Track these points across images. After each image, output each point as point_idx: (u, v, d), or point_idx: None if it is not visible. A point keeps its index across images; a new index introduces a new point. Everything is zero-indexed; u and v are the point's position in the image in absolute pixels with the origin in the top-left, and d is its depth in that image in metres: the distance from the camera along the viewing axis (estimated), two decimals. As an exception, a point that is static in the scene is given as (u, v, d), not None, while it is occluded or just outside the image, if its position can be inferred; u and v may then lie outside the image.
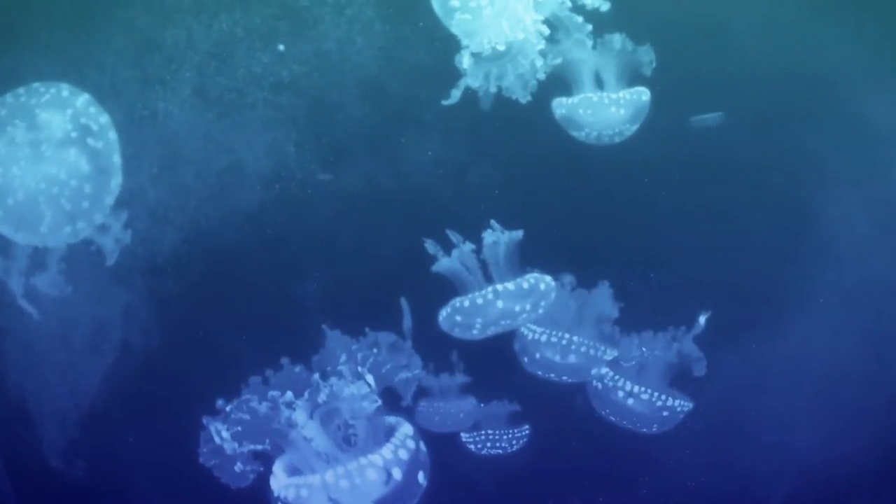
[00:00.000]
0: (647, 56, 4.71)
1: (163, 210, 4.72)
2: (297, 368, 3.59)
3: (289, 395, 3.46)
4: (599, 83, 4.79)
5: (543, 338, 4.60)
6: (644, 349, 4.53)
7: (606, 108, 4.76)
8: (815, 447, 5.00)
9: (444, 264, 4.37)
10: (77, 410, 4.81)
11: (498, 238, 4.38)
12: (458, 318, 4.34)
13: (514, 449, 4.72)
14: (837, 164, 4.91)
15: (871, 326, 4.97)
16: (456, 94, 4.41)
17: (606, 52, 4.75)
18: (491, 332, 4.44)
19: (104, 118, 4.18)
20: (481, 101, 4.49)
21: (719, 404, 4.87)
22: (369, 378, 3.49)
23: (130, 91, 4.62)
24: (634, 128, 4.82)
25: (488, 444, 4.68)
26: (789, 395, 5.03)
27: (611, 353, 4.57)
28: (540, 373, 4.74)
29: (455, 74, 4.41)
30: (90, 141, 4.11)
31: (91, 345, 4.73)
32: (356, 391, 3.43)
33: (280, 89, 4.73)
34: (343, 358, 3.53)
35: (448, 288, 4.48)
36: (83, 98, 4.17)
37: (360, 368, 3.49)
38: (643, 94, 4.77)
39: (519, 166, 4.91)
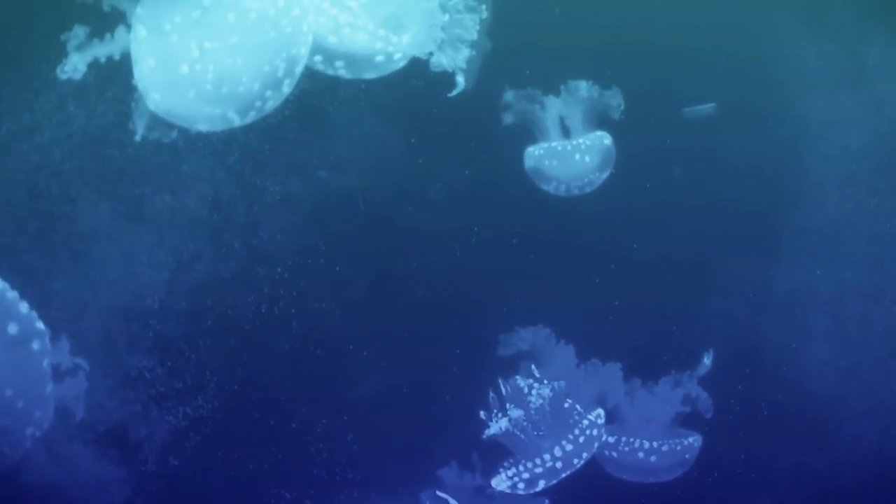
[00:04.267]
0: (614, 100, 4.56)
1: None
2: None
3: None
4: (566, 132, 4.61)
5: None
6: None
7: (570, 155, 4.58)
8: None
9: (496, 430, 4.13)
10: None
11: (544, 397, 4.15)
12: (521, 486, 4.13)
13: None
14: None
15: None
16: (461, 82, 4.04)
17: (572, 100, 4.57)
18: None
19: None
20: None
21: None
22: None
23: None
24: (604, 176, 4.65)
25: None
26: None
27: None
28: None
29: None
30: None
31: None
32: None
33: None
34: None
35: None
36: None
37: None
38: (604, 137, 4.62)
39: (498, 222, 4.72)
